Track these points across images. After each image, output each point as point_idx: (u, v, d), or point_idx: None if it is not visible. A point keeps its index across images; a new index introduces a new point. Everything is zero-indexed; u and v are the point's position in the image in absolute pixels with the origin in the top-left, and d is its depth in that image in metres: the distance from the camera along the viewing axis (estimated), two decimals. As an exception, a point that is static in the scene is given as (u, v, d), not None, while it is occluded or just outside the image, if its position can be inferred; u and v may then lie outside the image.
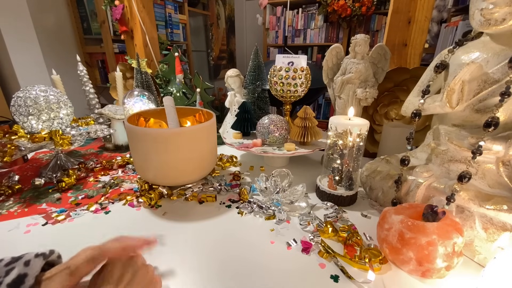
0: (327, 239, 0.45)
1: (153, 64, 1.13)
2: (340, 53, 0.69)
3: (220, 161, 0.75)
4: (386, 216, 0.41)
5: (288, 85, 0.70)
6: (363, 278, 0.37)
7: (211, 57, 3.08)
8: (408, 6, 0.75)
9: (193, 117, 0.69)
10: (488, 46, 0.43)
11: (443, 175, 0.47)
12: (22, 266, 0.26)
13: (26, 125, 0.61)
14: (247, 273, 0.39)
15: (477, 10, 0.41)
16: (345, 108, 0.69)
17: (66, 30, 1.97)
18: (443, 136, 0.48)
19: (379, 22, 2.30)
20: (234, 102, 0.89)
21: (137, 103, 0.73)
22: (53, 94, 0.63)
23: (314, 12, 2.47)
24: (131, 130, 0.53)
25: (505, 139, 0.40)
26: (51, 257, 0.30)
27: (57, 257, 0.31)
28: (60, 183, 0.61)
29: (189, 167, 0.56)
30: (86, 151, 0.87)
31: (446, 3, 1.93)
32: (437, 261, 0.35)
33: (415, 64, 0.78)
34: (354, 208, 0.55)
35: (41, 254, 0.29)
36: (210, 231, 0.48)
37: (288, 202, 0.54)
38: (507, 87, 0.37)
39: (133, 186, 0.63)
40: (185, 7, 2.50)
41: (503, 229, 0.37)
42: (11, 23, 1.59)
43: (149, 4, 1.12)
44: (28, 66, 1.70)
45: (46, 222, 0.50)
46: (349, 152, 0.53)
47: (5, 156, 0.57)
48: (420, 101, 0.48)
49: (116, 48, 1.95)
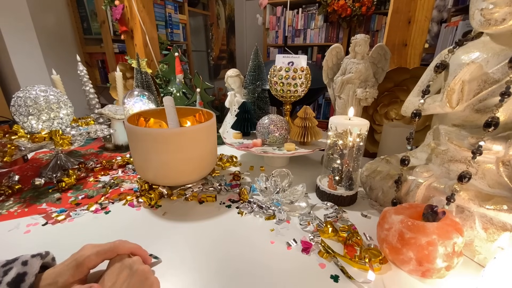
0: (327, 239, 0.45)
1: (153, 64, 1.13)
2: (340, 53, 0.69)
3: (220, 161, 0.75)
4: (386, 216, 0.41)
5: (288, 85, 0.70)
6: (363, 278, 0.37)
7: (211, 57, 3.08)
8: (408, 6, 0.75)
9: (193, 117, 0.69)
10: (488, 46, 0.43)
11: (443, 175, 0.47)
12: (20, 265, 0.27)
13: (26, 125, 0.61)
14: (247, 273, 0.39)
15: (477, 10, 0.41)
16: (345, 108, 0.69)
17: (66, 30, 1.97)
18: (443, 136, 0.48)
19: (379, 22, 2.30)
20: (234, 102, 0.89)
21: (137, 103, 0.73)
22: (53, 94, 0.63)
23: (314, 12, 2.48)
24: (131, 130, 0.53)
25: (505, 139, 0.40)
26: (46, 259, 0.30)
27: (51, 259, 0.31)
28: (60, 183, 0.61)
29: (189, 167, 0.56)
30: (86, 151, 0.87)
31: (446, 3, 1.93)
32: (437, 261, 0.35)
33: (415, 64, 0.78)
34: (354, 208, 0.55)
35: (37, 255, 0.29)
36: (210, 231, 0.48)
37: (288, 202, 0.54)
38: (507, 87, 0.37)
39: (133, 186, 0.63)
40: (185, 7, 2.50)
41: (503, 229, 0.37)
42: (11, 23, 1.59)
43: (149, 4, 1.12)
44: (28, 66, 1.70)
45: (46, 222, 0.50)
46: (349, 152, 0.53)
47: (5, 156, 0.57)
48: (420, 101, 0.48)
49: (116, 48, 1.95)
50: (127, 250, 0.35)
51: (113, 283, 0.29)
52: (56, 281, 0.28)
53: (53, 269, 0.29)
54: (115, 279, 0.30)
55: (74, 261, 0.30)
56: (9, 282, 0.25)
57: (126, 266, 0.32)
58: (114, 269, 0.31)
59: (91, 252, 0.31)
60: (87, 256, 0.30)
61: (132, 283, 0.30)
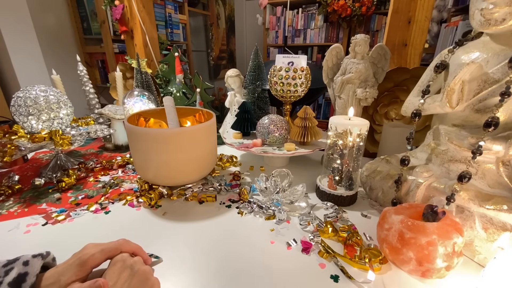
0: (327, 239, 0.45)
1: (153, 64, 1.13)
2: (340, 53, 0.69)
3: (220, 161, 0.75)
4: (386, 216, 0.41)
5: (288, 85, 0.70)
6: (363, 278, 0.37)
7: (211, 57, 3.08)
8: (408, 6, 0.75)
9: (193, 117, 0.69)
10: (488, 46, 0.43)
11: (443, 175, 0.47)
12: (21, 265, 0.27)
13: (26, 125, 0.61)
14: (247, 273, 0.39)
15: (477, 10, 0.41)
16: (345, 108, 0.69)
17: (66, 30, 1.97)
18: (443, 136, 0.48)
19: (379, 22, 2.30)
20: (234, 102, 0.89)
21: (137, 103, 0.73)
22: (53, 94, 0.63)
23: (314, 12, 2.47)
24: (131, 130, 0.53)
25: (505, 139, 0.40)
26: (47, 259, 0.30)
27: (52, 260, 0.31)
28: (60, 183, 0.61)
29: (189, 167, 0.56)
30: (86, 151, 0.87)
31: (446, 3, 1.93)
32: (437, 261, 0.35)
33: (415, 64, 0.78)
34: (354, 208, 0.55)
35: (38, 255, 0.29)
36: (210, 231, 0.48)
37: (288, 202, 0.54)
38: (507, 87, 0.37)
39: (133, 186, 0.63)
40: (185, 7, 2.50)
41: (503, 229, 0.37)
42: (11, 23, 1.59)
43: (149, 4, 1.12)
44: (28, 66, 1.70)
45: (46, 222, 0.50)
46: (349, 152, 0.53)
47: (5, 156, 0.57)
48: (420, 101, 0.48)
49: (116, 48, 1.95)
50: (130, 249, 0.35)
51: (115, 282, 0.29)
52: (58, 280, 0.28)
53: (55, 268, 0.29)
54: (116, 278, 0.30)
55: (78, 260, 0.30)
56: (10, 282, 0.25)
57: (128, 266, 0.32)
58: (115, 268, 0.31)
59: (96, 251, 0.31)
60: (91, 254, 0.30)
61: (133, 283, 0.30)
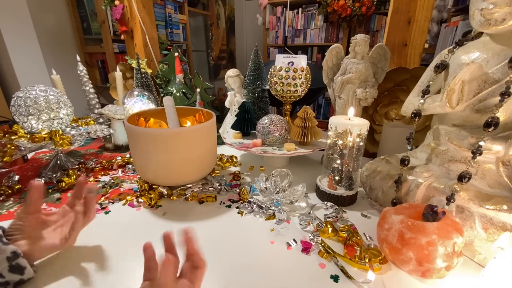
0: (327, 239, 0.45)
1: (153, 64, 1.13)
2: (340, 53, 0.69)
3: (220, 161, 0.75)
4: (386, 216, 0.41)
5: (288, 85, 0.70)
6: (363, 278, 0.37)
7: (211, 57, 3.08)
8: (408, 6, 0.75)
9: (193, 117, 0.69)
10: (488, 46, 0.43)
11: (443, 175, 0.47)
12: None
13: (26, 125, 0.61)
14: (247, 273, 0.39)
15: (477, 10, 0.41)
16: (345, 108, 0.69)
17: (66, 30, 1.97)
18: (443, 136, 0.48)
19: (379, 22, 2.30)
20: (234, 102, 0.89)
21: (137, 103, 0.73)
22: (53, 94, 0.63)
23: (314, 12, 2.47)
24: (131, 130, 0.53)
25: (505, 139, 0.40)
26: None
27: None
28: (60, 183, 0.61)
29: (189, 167, 0.56)
30: (86, 151, 0.87)
31: (446, 3, 1.93)
32: (437, 261, 0.35)
33: (415, 64, 0.78)
34: (354, 208, 0.55)
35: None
36: (210, 231, 0.48)
37: (288, 202, 0.54)
38: (507, 87, 0.37)
39: (133, 186, 0.63)
40: (185, 7, 2.50)
41: (503, 229, 0.37)
42: (11, 23, 1.59)
43: (149, 4, 1.12)
44: (28, 66, 1.70)
45: (46, 222, 0.50)
46: (349, 152, 0.53)
47: (5, 156, 0.57)
48: (420, 101, 0.48)
49: (116, 48, 1.95)
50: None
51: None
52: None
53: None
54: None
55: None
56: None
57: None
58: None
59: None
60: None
61: None
